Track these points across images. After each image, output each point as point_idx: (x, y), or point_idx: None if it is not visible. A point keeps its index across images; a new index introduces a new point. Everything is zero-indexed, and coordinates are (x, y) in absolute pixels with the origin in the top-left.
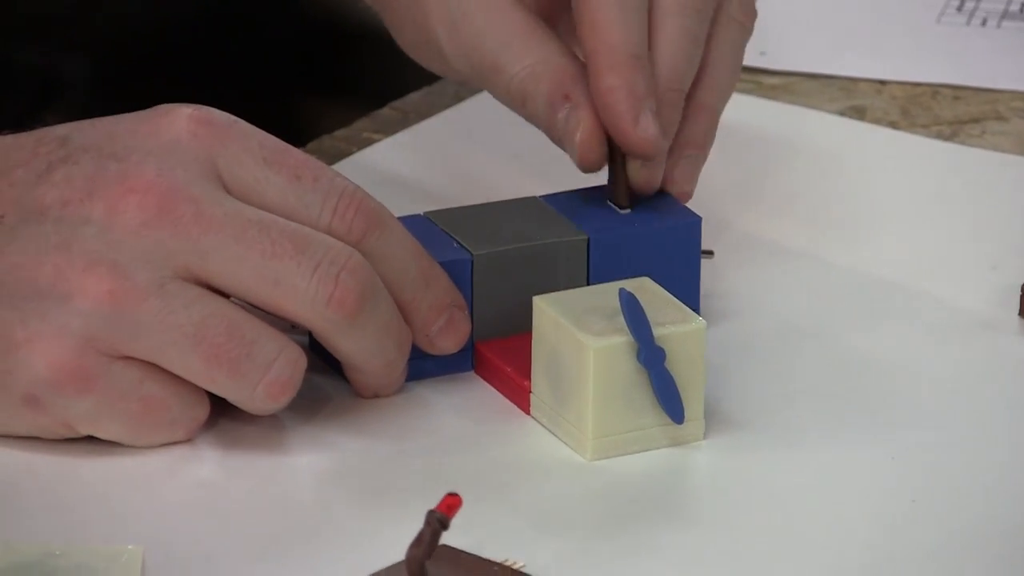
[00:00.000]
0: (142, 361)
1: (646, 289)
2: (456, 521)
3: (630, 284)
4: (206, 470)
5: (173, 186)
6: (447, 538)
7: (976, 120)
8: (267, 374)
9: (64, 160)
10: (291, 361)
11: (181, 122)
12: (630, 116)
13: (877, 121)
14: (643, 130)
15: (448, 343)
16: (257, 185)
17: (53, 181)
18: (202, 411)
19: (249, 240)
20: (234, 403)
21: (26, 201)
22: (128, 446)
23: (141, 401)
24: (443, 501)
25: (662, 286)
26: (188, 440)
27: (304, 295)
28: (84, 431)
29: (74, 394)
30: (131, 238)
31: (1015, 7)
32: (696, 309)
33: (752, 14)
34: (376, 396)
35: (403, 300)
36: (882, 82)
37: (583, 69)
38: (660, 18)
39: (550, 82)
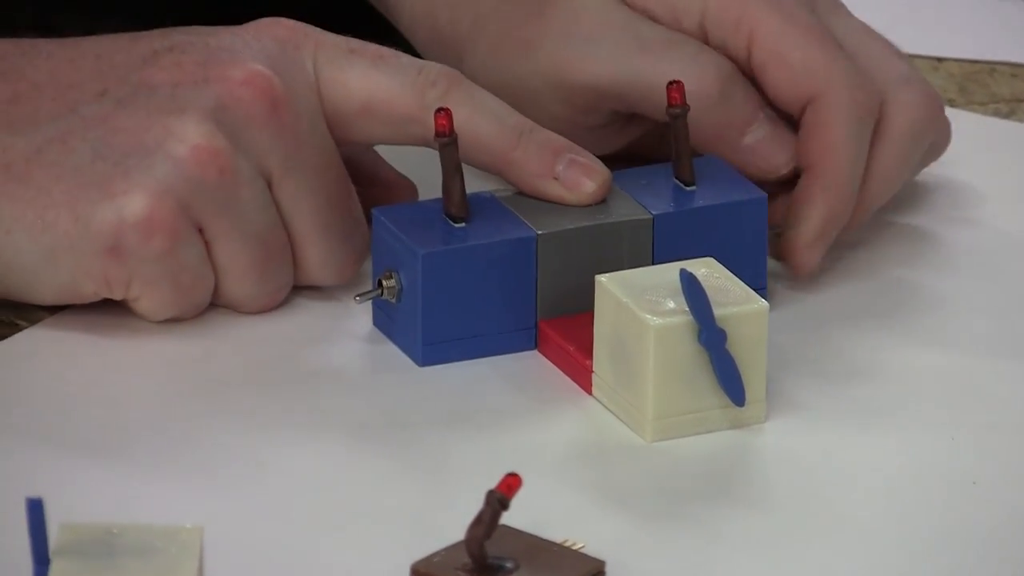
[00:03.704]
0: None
1: (709, 269)
2: (516, 501)
3: (693, 264)
4: (262, 451)
5: (283, 91)
6: (507, 518)
7: None
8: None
9: (170, 49)
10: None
11: (282, 30)
12: (809, 240)
13: None
14: (809, 261)
15: (580, 178)
16: (344, 69)
17: (161, 65)
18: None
19: (324, 178)
20: None
21: (132, 79)
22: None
23: (192, 275)
24: (503, 481)
25: (729, 264)
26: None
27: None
28: (134, 293)
29: (157, 247)
30: (240, 125)
31: None
32: (763, 287)
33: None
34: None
35: (505, 148)
36: (939, 59)
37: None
38: (880, 143)
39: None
